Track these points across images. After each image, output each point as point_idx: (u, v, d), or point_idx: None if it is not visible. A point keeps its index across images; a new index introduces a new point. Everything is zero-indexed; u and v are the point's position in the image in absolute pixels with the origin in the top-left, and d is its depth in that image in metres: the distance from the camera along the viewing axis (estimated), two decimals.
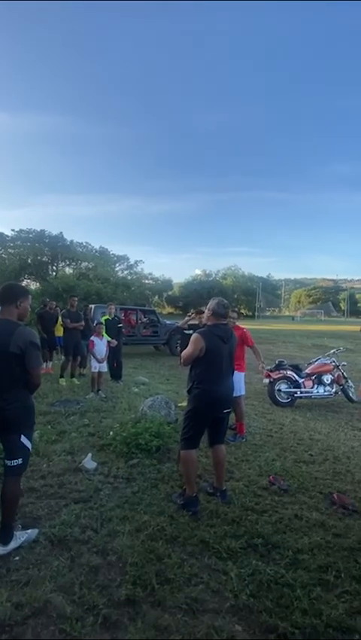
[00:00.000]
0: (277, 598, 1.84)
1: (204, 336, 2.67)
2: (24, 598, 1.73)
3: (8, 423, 2.10)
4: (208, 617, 1.72)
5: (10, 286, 2.27)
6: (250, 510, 2.65)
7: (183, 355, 2.73)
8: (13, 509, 2.16)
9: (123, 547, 2.16)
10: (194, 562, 2.08)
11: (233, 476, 3.23)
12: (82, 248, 33.81)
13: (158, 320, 12.04)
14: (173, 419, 4.43)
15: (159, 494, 2.83)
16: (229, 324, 3.07)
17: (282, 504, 2.78)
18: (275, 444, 4.11)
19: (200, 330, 2.79)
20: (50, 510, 2.55)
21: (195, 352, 2.64)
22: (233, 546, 2.21)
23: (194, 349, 2.64)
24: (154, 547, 2.16)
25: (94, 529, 2.33)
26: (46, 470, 3.18)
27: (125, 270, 36.51)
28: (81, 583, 1.87)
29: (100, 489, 2.87)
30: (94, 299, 18.84)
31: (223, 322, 2.82)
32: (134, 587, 1.85)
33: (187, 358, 2.70)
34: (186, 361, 2.73)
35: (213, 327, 2.75)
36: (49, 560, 2.04)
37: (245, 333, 4.41)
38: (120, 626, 1.64)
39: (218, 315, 2.77)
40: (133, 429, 3.77)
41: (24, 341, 2.07)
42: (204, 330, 2.76)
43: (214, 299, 2.87)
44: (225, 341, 2.72)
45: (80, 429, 4.27)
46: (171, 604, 1.77)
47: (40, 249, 30.48)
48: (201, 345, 2.63)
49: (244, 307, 59.19)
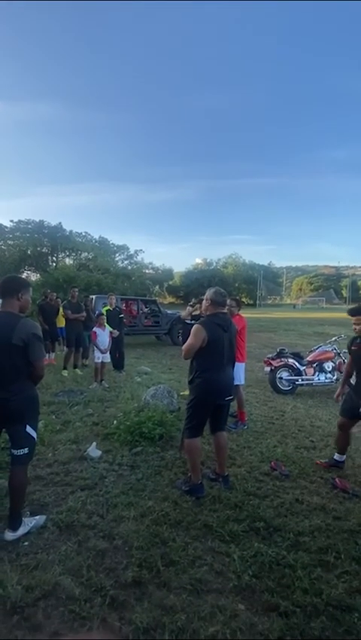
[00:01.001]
0: (279, 579, 1.90)
1: (205, 326, 2.67)
2: (34, 581, 1.79)
3: (13, 414, 2.13)
4: (212, 597, 1.78)
5: (11, 278, 2.27)
6: (251, 495, 2.71)
7: (185, 347, 2.72)
8: (21, 496, 2.21)
9: (129, 531, 2.22)
10: (198, 545, 2.14)
11: (235, 462, 3.28)
12: (81, 239, 33.57)
13: (159, 310, 12.05)
14: (175, 408, 4.49)
15: (162, 480, 2.89)
16: (228, 312, 3.06)
17: (283, 488, 2.84)
18: (277, 431, 4.17)
19: (201, 321, 2.77)
20: (57, 497, 2.61)
21: (197, 343, 2.63)
22: (236, 529, 2.27)
23: (196, 341, 2.63)
24: (159, 532, 2.22)
25: (100, 515, 2.40)
26: (52, 458, 3.24)
27: (125, 260, 36.30)
28: (89, 566, 1.93)
29: (105, 477, 2.93)
30: (94, 289, 18.81)
31: (223, 311, 2.82)
32: (140, 569, 1.92)
33: (189, 350, 2.68)
34: (188, 354, 2.71)
35: (213, 316, 2.75)
36: (57, 545, 2.10)
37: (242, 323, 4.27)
38: (127, 606, 1.70)
39: (217, 303, 2.77)
40: (136, 418, 3.82)
41: (26, 333, 2.08)
42: (204, 321, 2.75)
43: (211, 288, 2.86)
44: (225, 330, 2.72)
45: (84, 419, 4.33)
46: (176, 585, 1.83)
47: (39, 240, 30.28)
48: (203, 335, 2.62)
49: (245, 296, 58.98)
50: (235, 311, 4.20)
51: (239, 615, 1.67)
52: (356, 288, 69.08)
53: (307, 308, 51.52)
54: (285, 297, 77.16)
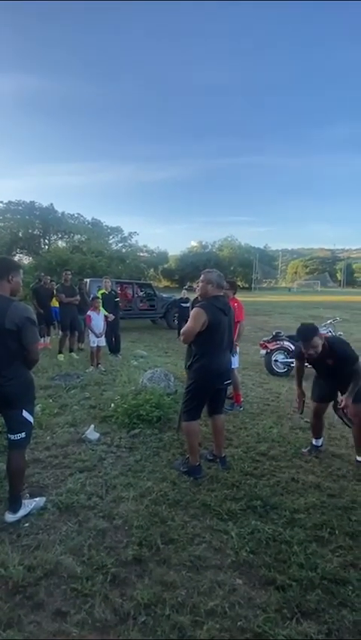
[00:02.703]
0: (275, 554, 1.95)
1: (206, 309, 2.59)
2: (35, 561, 1.81)
3: (9, 399, 2.10)
4: (211, 573, 1.82)
5: (1, 260, 2.18)
6: (248, 474, 2.76)
7: (184, 330, 2.65)
8: (20, 480, 2.22)
9: (128, 511, 2.25)
10: (196, 524, 2.18)
11: (232, 443, 3.33)
12: (74, 220, 32.81)
13: (154, 293, 11.96)
14: (172, 391, 4.50)
15: (161, 461, 2.93)
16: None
17: (279, 468, 2.89)
18: (272, 412, 4.22)
19: (201, 304, 2.68)
20: (56, 480, 2.63)
21: (196, 327, 2.57)
22: (233, 508, 2.32)
23: (195, 324, 2.57)
24: (158, 511, 2.26)
25: (99, 496, 2.43)
26: (50, 442, 3.25)
27: (119, 243, 35.66)
28: (90, 545, 1.96)
29: (104, 459, 2.96)
30: (88, 272, 18.52)
31: (221, 294, 2.77)
32: (140, 548, 1.95)
33: (189, 334, 2.62)
34: (188, 338, 2.65)
35: (213, 299, 2.69)
36: (57, 525, 2.13)
37: (235, 308, 4.07)
38: (128, 582, 1.74)
39: (217, 285, 2.71)
40: (134, 401, 3.83)
41: (20, 317, 2.02)
42: (205, 304, 2.65)
43: (211, 271, 2.79)
44: (226, 313, 2.68)
45: (82, 402, 4.34)
46: (175, 562, 1.87)
47: (31, 222, 29.55)
48: (203, 319, 2.56)
49: (240, 279, 58.77)
50: (230, 294, 4.14)
51: (237, 590, 1.72)
52: (351, 271, 69.17)
53: (302, 291, 51.63)
54: (280, 280, 77.05)
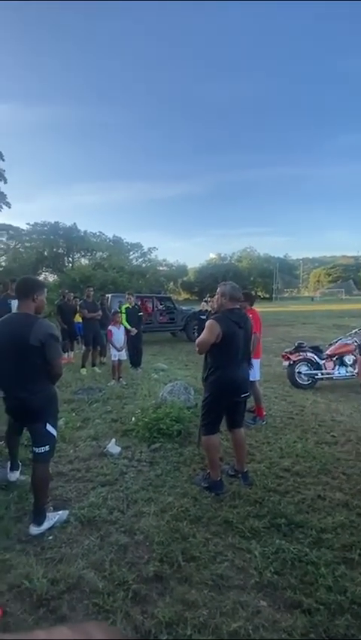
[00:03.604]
0: (301, 576, 1.87)
1: (220, 321, 2.64)
2: (58, 574, 1.84)
3: (33, 412, 2.19)
4: (234, 593, 1.77)
5: (26, 280, 2.31)
6: (272, 491, 2.68)
7: (199, 341, 2.70)
8: (44, 492, 2.27)
9: (149, 526, 2.24)
10: (218, 541, 2.14)
11: (254, 458, 3.26)
12: (96, 238, 34.03)
13: (174, 306, 12.07)
14: (192, 404, 4.49)
15: (181, 476, 2.91)
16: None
17: (304, 485, 2.79)
18: (296, 426, 4.10)
19: (216, 316, 2.74)
20: (79, 493, 2.67)
21: (211, 338, 2.61)
22: (256, 525, 2.25)
23: (210, 336, 2.61)
24: (179, 527, 2.23)
25: (121, 510, 2.43)
26: (73, 455, 3.32)
27: (139, 258, 36.55)
28: (111, 560, 1.97)
29: (125, 473, 2.97)
30: (110, 288, 19.03)
31: (238, 307, 2.79)
32: (162, 564, 1.93)
33: (203, 345, 2.67)
34: (202, 348, 2.70)
35: (228, 312, 2.72)
36: (80, 539, 2.15)
37: (251, 320, 4.11)
38: (149, 600, 1.72)
39: (234, 298, 2.74)
40: (154, 414, 3.85)
41: (43, 334, 2.12)
42: (219, 316, 2.72)
43: (225, 283, 2.83)
44: (241, 326, 2.69)
45: (103, 415, 4.40)
46: (197, 581, 1.84)
47: (55, 241, 30.92)
48: (217, 331, 2.60)
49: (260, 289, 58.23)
50: (245, 306, 4.12)
51: (261, 612, 1.66)
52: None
53: (325, 300, 50.26)
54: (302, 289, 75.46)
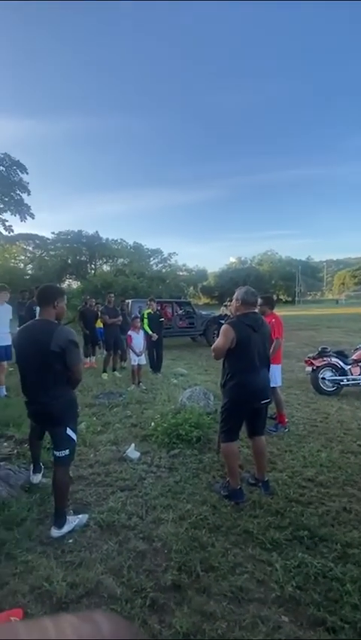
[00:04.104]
0: (325, 592, 1.79)
1: (234, 326, 2.62)
2: (77, 578, 1.86)
3: (54, 417, 2.24)
4: (254, 607, 1.72)
5: (47, 288, 2.38)
6: (294, 501, 2.60)
7: (214, 347, 2.68)
8: (65, 495, 2.31)
9: (168, 534, 2.23)
10: (238, 552, 2.09)
11: (276, 467, 3.17)
12: (117, 245, 34.74)
13: (194, 311, 12.07)
14: (212, 410, 4.44)
15: (200, 483, 2.87)
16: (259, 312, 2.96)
17: (329, 496, 2.68)
18: (320, 434, 3.96)
19: (230, 321, 2.73)
20: (99, 497, 2.70)
21: (226, 343, 2.59)
22: (277, 537, 2.19)
23: (225, 341, 2.59)
24: (198, 536, 2.21)
25: (139, 516, 2.44)
26: (93, 459, 3.36)
27: (159, 264, 36.92)
28: (129, 566, 1.97)
29: (144, 478, 2.98)
30: (131, 294, 19.28)
31: (253, 311, 2.75)
32: (180, 573, 1.91)
33: (218, 351, 2.65)
34: (218, 354, 2.67)
35: (242, 316, 2.69)
36: (99, 544, 2.17)
37: (273, 324, 3.87)
38: (167, 609, 1.71)
39: (248, 303, 2.71)
40: (173, 420, 3.84)
41: (64, 340, 2.18)
42: (233, 321, 2.70)
43: (241, 287, 2.81)
44: (256, 330, 2.65)
45: (123, 420, 4.45)
46: (216, 592, 1.80)
47: (78, 249, 31.83)
48: (231, 336, 2.58)
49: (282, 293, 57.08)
50: (266, 310, 4.05)
51: (283, 627, 1.60)
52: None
53: (351, 303, 48.45)
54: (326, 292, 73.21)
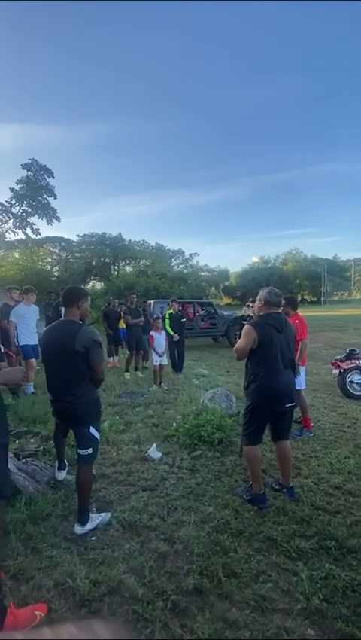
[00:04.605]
0: (355, 606, 1.70)
1: (256, 326, 2.57)
2: (100, 576, 1.88)
3: (77, 416, 2.29)
4: (278, 617, 1.67)
5: (71, 289, 2.44)
6: (320, 509, 2.50)
7: (236, 348, 2.64)
8: (88, 493, 2.35)
9: (189, 536, 2.21)
10: (261, 559, 2.03)
11: (301, 472, 3.07)
12: (139, 246, 35.18)
13: (215, 312, 11.98)
14: (234, 412, 4.38)
15: (222, 486, 2.83)
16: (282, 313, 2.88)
17: (358, 505, 2.56)
18: (348, 440, 3.80)
19: (252, 321, 2.69)
20: (121, 496, 2.72)
21: (248, 344, 2.55)
22: (303, 546, 2.11)
23: (247, 341, 2.55)
24: (219, 540, 2.17)
25: (161, 517, 2.43)
26: (116, 458, 3.40)
27: (180, 264, 36.99)
28: (151, 567, 1.96)
29: (165, 479, 2.97)
30: (153, 294, 19.45)
31: (276, 311, 2.68)
32: (201, 577, 1.89)
33: (240, 352, 2.61)
34: (240, 355, 2.63)
35: (265, 316, 2.63)
36: (121, 543, 2.18)
37: (297, 325, 3.78)
38: (188, 613, 1.68)
39: (270, 304, 2.65)
40: (195, 421, 3.82)
41: (87, 340, 2.22)
42: (256, 321, 2.66)
43: (265, 288, 2.75)
44: (279, 330, 2.57)
45: (145, 420, 4.47)
46: (238, 599, 1.76)
47: (102, 251, 32.48)
48: (253, 336, 2.53)
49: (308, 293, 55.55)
50: (289, 311, 3.94)
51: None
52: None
53: None
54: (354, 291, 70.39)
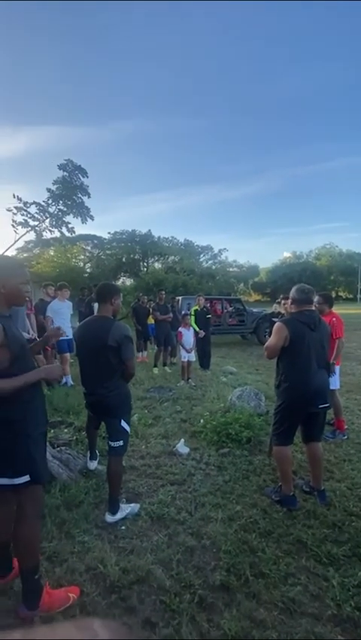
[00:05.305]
0: None
1: (287, 324, 2.50)
2: (129, 565, 1.93)
3: (109, 409, 2.36)
4: (307, 621, 1.63)
5: (104, 286, 2.51)
6: (354, 515, 2.40)
7: (267, 346, 2.60)
8: (118, 483, 2.42)
9: (216, 533, 2.21)
10: (290, 562, 2.00)
11: (333, 476, 2.97)
12: (168, 243, 35.41)
13: (244, 308, 11.80)
14: (263, 411, 4.31)
15: (250, 485, 2.81)
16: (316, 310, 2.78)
17: None
18: None
19: (284, 319, 2.63)
20: (149, 489, 2.78)
21: (278, 342, 2.48)
22: (335, 552, 2.04)
23: (278, 339, 2.49)
24: (247, 539, 2.16)
25: (188, 512, 2.46)
26: (144, 451, 3.47)
27: (209, 260, 36.81)
28: (178, 560, 1.99)
29: (193, 474, 2.99)
30: (181, 291, 19.51)
31: (309, 309, 2.58)
32: (228, 575, 1.89)
33: (271, 350, 2.55)
34: (271, 353, 2.58)
35: (297, 314, 2.55)
36: (149, 534, 2.23)
37: (333, 323, 3.66)
38: (215, 609, 1.69)
39: (299, 301, 2.56)
40: (223, 419, 3.80)
41: (119, 335, 2.28)
42: (287, 319, 2.59)
43: (296, 286, 2.66)
44: (312, 328, 2.48)
45: (173, 415, 4.52)
46: (266, 600, 1.74)
47: (132, 248, 33.07)
48: (284, 334, 2.46)
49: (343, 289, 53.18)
50: (324, 309, 3.79)
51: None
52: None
53: None
54: None
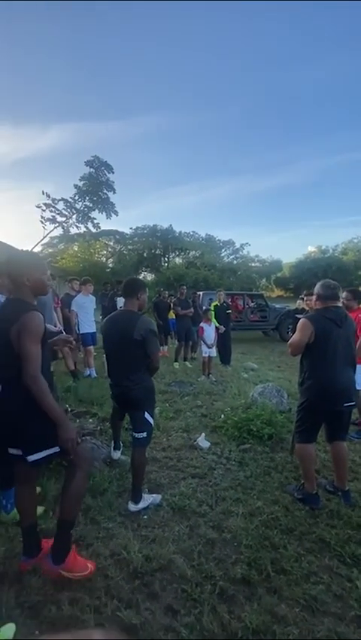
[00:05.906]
0: None
1: (312, 320, 2.44)
2: (152, 553, 1.98)
3: (134, 401, 2.41)
4: (329, 620, 1.62)
5: (132, 280, 2.55)
6: None
7: (291, 342, 2.55)
8: (141, 474, 2.48)
9: (237, 527, 2.22)
10: (312, 560, 1.98)
11: (358, 477, 2.90)
12: (189, 238, 35.19)
13: (266, 304, 11.62)
14: (285, 408, 4.25)
15: (272, 482, 2.79)
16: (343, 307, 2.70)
17: None
18: None
19: (308, 315, 2.57)
20: (171, 481, 2.82)
21: (303, 338, 2.43)
22: (359, 553, 2.01)
23: (302, 336, 2.44)
24: (269, 535, 2.15)
25: (209, 505, 2.48)
26: (166, 443, 3.53)
27: (230, 255, 36.32)
28: (199, 552, 2.02)
29: (214, 468, 3.01)
30: (202, 286, 19.45)
31: (335, 304, 2.51)
32: (250, 569, 1.90)
33: (295, 347, 2.51)
34: (295, 350, 2.53)
35: (323, 310, 2.49)
36: (171, 525, 2.28)
37: (360, 319, 3.54)
38: (237, 602, 1.71)
39: (324, 297, 2.49)
40: (244, 415, 3.79)
41: (145, 329, 2.32)
42: (312, 315, 2.53)
43: (320, 282, 2.59)
44: (338, 325, 2.41)
45: (194, 409, 4.55)
46: (287, 596, 1.74)
47: (153, 243, 33.19)
48: (309, 330, 2.41)
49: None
50: (353, 305, 3.67)
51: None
52: None
53: None
54: None
